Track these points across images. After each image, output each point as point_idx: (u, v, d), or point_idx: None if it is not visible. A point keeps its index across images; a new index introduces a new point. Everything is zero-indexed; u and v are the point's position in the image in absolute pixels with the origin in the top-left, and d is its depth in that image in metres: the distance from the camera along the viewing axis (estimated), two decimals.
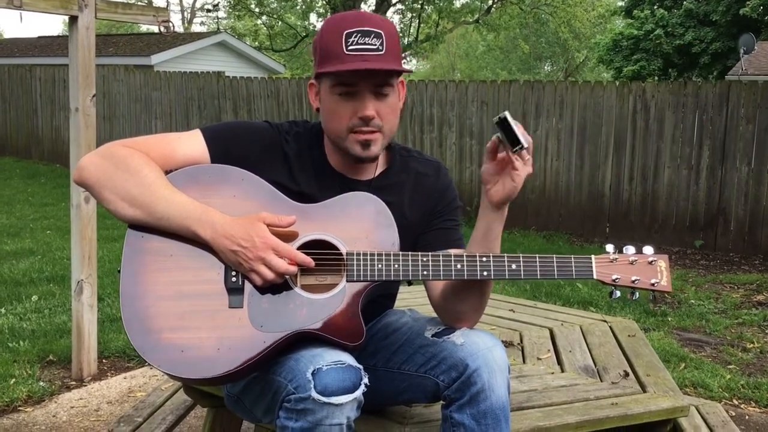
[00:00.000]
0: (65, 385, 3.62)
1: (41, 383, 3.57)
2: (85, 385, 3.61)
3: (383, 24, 1.68)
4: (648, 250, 1.67)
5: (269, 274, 1.55)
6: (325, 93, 1.71)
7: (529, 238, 8.06)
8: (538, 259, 1.63)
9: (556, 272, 1.63)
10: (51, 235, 7.22)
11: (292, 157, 1.75)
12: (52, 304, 4.85)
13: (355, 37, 1.62)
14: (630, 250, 1.67)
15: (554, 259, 1.64)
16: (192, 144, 1.69)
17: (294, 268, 1.57)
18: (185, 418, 2.71)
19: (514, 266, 1.63)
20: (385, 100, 1.69)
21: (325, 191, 1.71)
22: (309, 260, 1.58)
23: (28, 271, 5.66)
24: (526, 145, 1.57)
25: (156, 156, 1.65)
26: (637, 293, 1.66)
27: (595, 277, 1.63)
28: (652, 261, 1.66)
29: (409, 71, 1.76)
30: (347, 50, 1.62)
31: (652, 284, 1.64)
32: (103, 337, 4.05)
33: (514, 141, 1.57)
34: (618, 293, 1.65)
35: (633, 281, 1.64)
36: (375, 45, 1.64)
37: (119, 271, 1.60)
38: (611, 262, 1.65)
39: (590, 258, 1.65)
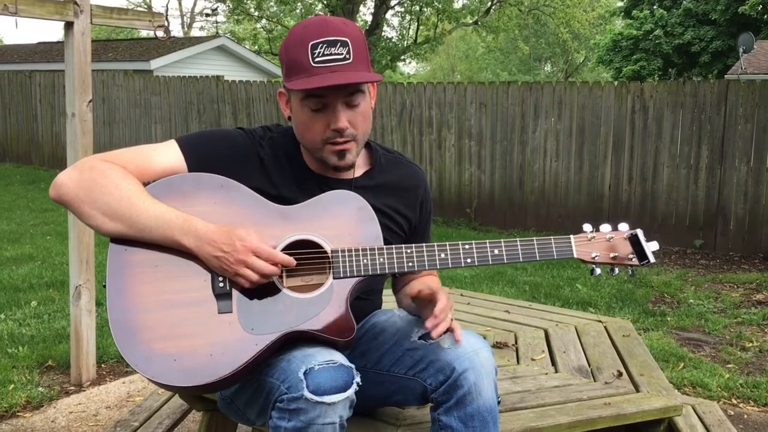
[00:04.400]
0: (64, 390, 3.63)
1: (40, 389, 3.58)
2: (84, 390, 3.61)
3: (347, 30, 1.65)
4: (623, 227, 1.73)
5: (253, 276, 1.56)
6: (296, 105, 1.70)
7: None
8: (519, 243, 1.68)
9: (537, 254, 1.68)
10: (51, 241, 7.23)
11: (269, 162, 1.76)
12: (52, 309, 4.85)
13: (321, 48, 1.61)
14: (606, 228, 1.72)
15: (535, 242, 1.68)
16: (168, 154, 1.70)
17: (276, 269, 1.57)
18: (182, 422, 2.71)
19: (496, 251, 1.67)
20: (357, 109, 1.69)
21: (305, 193, 1.72)
22: (290, 260, 1.59)
23: (27, 277, 5.67)
24: (652, 260, 1.68)
25: (133, 168, 1.65)
26: (617, 269, 1.71)
27: (575, 255, 1.68)
28: (628, 236, 1.71)
29: (379, 78, 1.71)
30: (314, 62, 1.61)
31: (630, 259, 1.70)
32: (101, 342, 4.05)
33: (642, 256, 1.70)
34: (599, 270, 1.70)
35: (612, 257, 1.70)
36: (342, 54, 1.62)
37: (104, 286, 1.60)
38: (589, 240, 1.70)
39: (569, 238, 1.70)
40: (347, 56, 1.63)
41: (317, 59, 1.61)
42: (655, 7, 22.77)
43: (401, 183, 1.87)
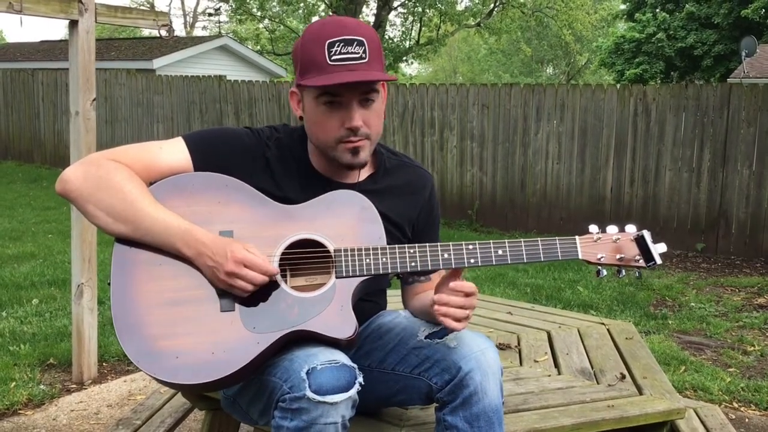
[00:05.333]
0: (65, 388, 3.63)
1: (42, 386, 3.58)
2: (86, 389, 3.61)
3: (363, 30, 1.66)
4: (630, 228, 1.70)
5: (246, 287, 1.56)
6: (310, 103, 1.70)
7: None
8: (523, 243, 1.66)
9: (542, 254, 1.66)
10: (52, 239, 7.24)
11: (275, 162, 1.76)
12: (53, 307, 4.85)
13: (338, 46, 1.62)
14: (613, 229, 1.69)
15: (539, 242, 1.66)
16: (175, 153, 1.70)
17: (264, 278, 1.57)
18: (184, 420, 2.71)
19: (500, 252, 1.65)
20: (371, 107, 1.70)
21: (309, 195, 1.72)
22: (274, 269, 1.58)
23: (29, 275, 5.67)
24: (659, 262, 1.66)
25: (139, 167, 1.66)
26: (623, 271, 1.69)
27: (580, 257, 1.66)
28: (635, 238, 1.69)
29: (394, 78, 1.73)
30: (331, 60, 1.62)
31: (637, 260, 1.67)
32: (103, 340, 4.05)
33: (648, 257, 1.67)
34: (605, 272, 1.68)
35: (618, 259, 1.67)
36: (358, 53, 1.63)
37: (109, 284, 1.60)
38: (595, 241, 1.68)
39: (575, 239, 1.67)
40: (363, 55, 1.63)
41: (334, 57, 1.62)
42: (657, 10, 22.76)
43: (406, 187, 1.87)
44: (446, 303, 1.60)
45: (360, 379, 1.53)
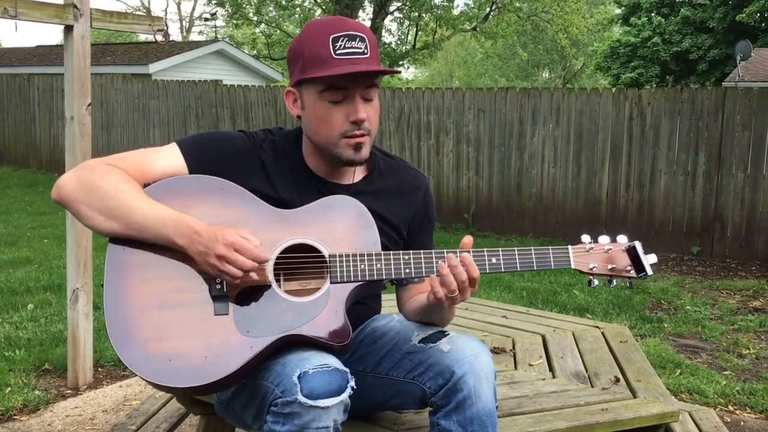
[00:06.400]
0: (61, 393, 3.62)
1: (37, 392, 3.57)
2: (81, 394, 3.61)
3: (362, 28, 1.69)
4: (622, 239, 1.71)
5: (236, 272, 1.54)
6: (312, 100, 1.69)
7: (525, 245, 8.02)
8: (517, 252, 1.67)
9: (535, 263, 1.66)
10: (48, 244, 7.23)
11: (270, 164, 1.76)
12: (49, 312, 4.85)
13: (342, 41, 1.63)
14: (605, 239, 1.71)
15: (533, 251, 1.67)
16: (170, 158, 1.70)
17: (254, 264, 1.55)
18: (179, 426, 2.70)
19: (494, 260, 1.65)
20: (371, 103, 1.71)
21: (305, 197, 1.72)
22: (265, 256, 1.57)
23: (24, 280, 5.66)
24: (650, 273, 1.67)
25: (134, 172, 1.66)
26: (615, 281, 1.70)
27: (572, 266, 1.67)
28: (626, 249, 1.70)
29: (398, 72, 1.77)
30: (336, 54, 1.63)
31: (628, 271, 1.68)
32: (98, 345, 4.05)
33: (639, 268, 1.68)
34: (596, 281, 1.69)
35: (610, 269, 1.68)
36: (361, 48, 1.65)
37: (102, 286, 1.60)
38: (587, 251, 1.69)
39: (567, 248, 1.68)
40: (365, 51, 1.66)
41: (339, 51, 1.63)
42: (653, 14, 22.86)
43: (401, 188, 1.87)
44: (454, 266, 1.57)
45: (352, 383, 1.53)
